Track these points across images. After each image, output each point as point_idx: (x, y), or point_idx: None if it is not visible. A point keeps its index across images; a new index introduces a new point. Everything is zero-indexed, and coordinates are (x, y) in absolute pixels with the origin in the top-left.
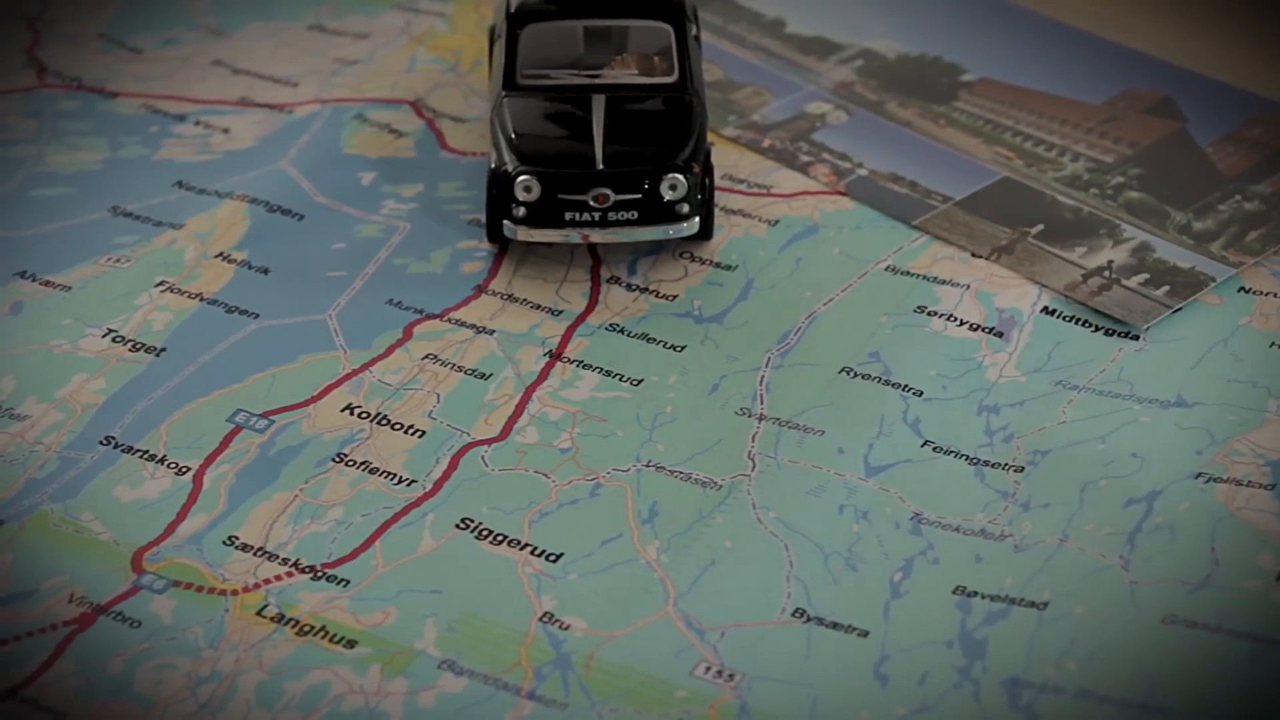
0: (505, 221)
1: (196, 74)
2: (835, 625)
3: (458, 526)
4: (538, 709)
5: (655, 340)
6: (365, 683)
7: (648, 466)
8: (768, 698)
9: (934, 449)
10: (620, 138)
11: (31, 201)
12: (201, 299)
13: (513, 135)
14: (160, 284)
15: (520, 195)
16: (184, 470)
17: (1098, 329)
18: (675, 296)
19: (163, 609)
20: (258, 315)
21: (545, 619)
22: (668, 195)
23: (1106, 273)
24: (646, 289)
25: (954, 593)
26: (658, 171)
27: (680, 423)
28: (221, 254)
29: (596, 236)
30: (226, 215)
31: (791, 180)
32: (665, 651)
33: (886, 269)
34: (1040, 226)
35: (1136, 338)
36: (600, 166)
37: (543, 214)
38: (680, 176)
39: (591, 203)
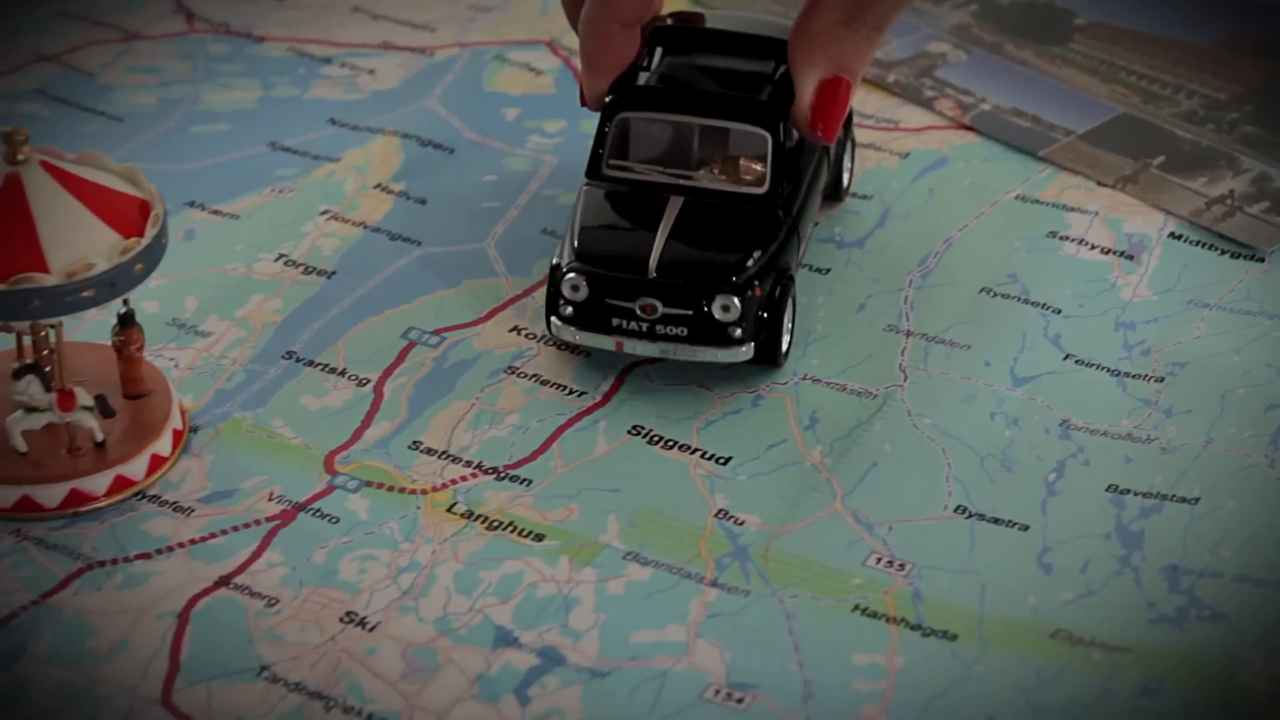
0: (552, 318)
1: (338, 20)
2: (996, 520)
3: (629, 433)
4: (722, 595)
5: (801, 264)
6: (556, 572)
7: (804, 379)
8: (938, 585)
9: (1075, 362)
10: (683, 247)
11: (193, 137)
12: (365, 227)
13: (577, 229)
14: (324, 212)
15: (567, 293)
16: (364, 382)
17: (1224, 252)
18: (816, 224)
19: (358, 506)
20: (420, 243)
21: (720, 515)
22: (719, 316)
23: (1229, 200)
24: None
25: (1107, 490)
26: (710, 289)
27: (831, 339)
28: (379, 185)
29: (639, 349)
30: (380, 150)
31: (917, 116)
32: (837, 544)
33: (1016, 198)
34: (1162, 158)
35: (1261, 260)
36: (652, 275)
37: (590, 316)
38: (734, 298)
39: (639, 312)
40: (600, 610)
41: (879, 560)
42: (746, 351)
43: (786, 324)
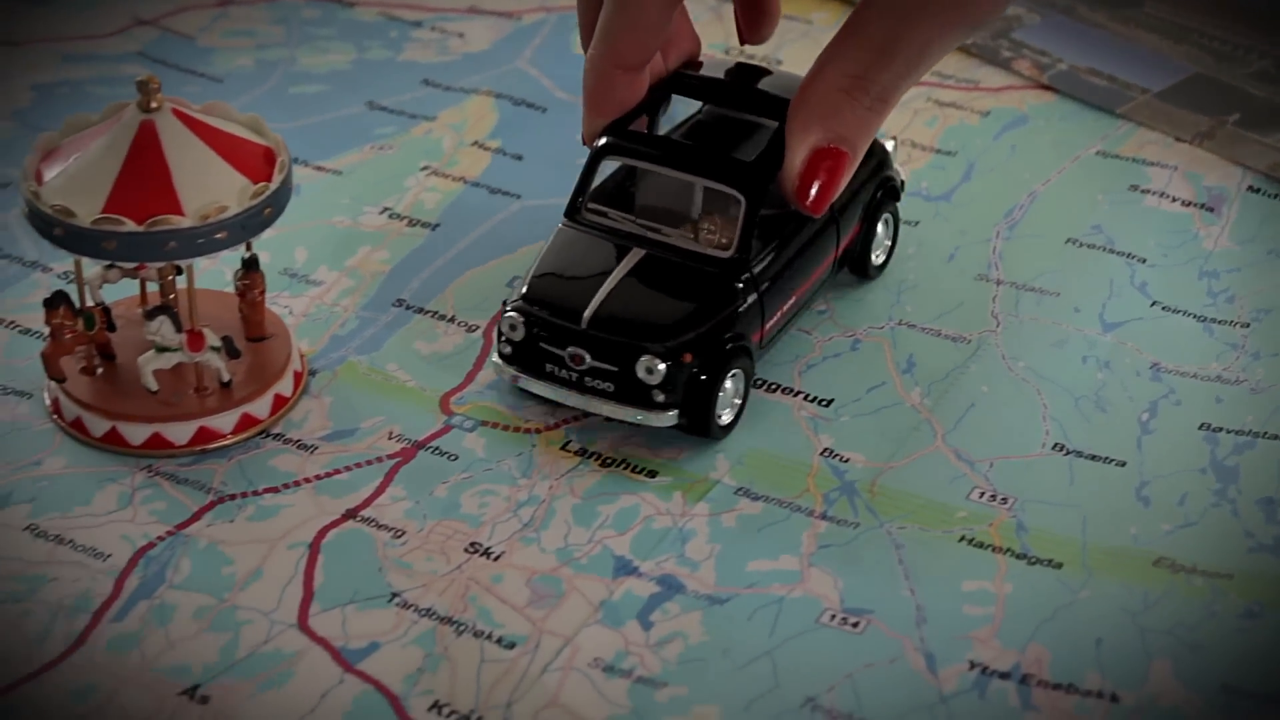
0: (493, 354)
1: None
2: (1093, 457)
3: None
4: (832, 527)
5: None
6: (670, 506)
7: (900, 325)
8: (1041, 517)
9: (1162, 308)
10: (625, 302)
11: (292, 97)
12: (465, 181)
13: (535, 269)
14: (424, 168)
15: (505, 331)
16: (473, 328)
17: None
18: (903, 180)
19: (475, 445)
20: (519, 196)
21: (825, 453)
22: (643, 376)
23: None
24: None
25: (1200, 428)
26: (636, 348)
27: (924, 287)
28: (476, 142)
29: (566, 399)
30: (475, 109)
31: (996, 76)
32: (941, 479)
33: (1096, 153)
34: (1236, 115)
35: None
36: (583, 325)
37: (525, 358)
38: (659, 362)
39: (568, 361)
40: (715, 541)
41: (982, 494)
42: (670, 418)
43: (733, 399)
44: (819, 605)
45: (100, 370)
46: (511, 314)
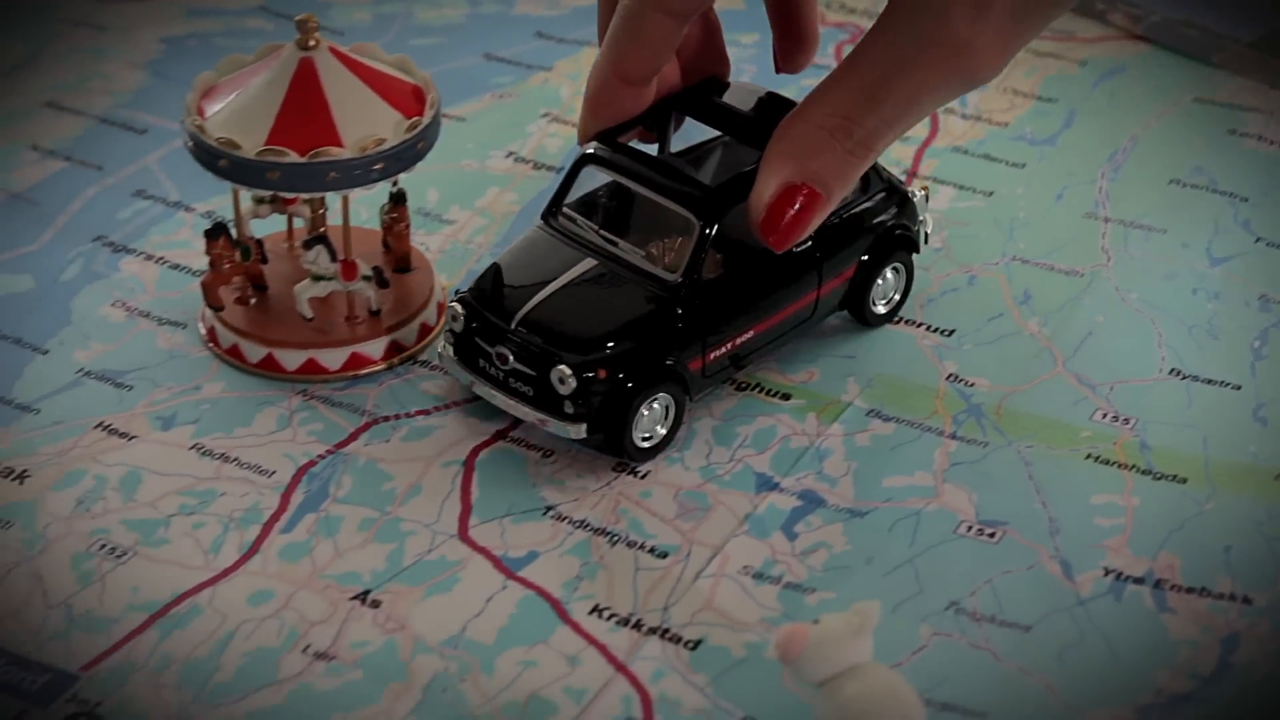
0: (441, 339)
1: None
2: (1209, 381)
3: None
4: (962, 446)
5: (997, 159)
6: (805, 427)
7: (1014, 260)
8: (1163, 436)
9: (1267, 244)
10: (558, 310)
11: (411, 49)
12: None
13: (494, 264)
14: (544, 115)
15: (448, 321)
16: None
17: None
18: (1007, 124)
19: None
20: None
21: (951, 379)
22: (555, 385)
23: None
24: (980, 118)
25: None
26: (552, 356)
27: (1034, 225)
28: None
29: (489, 396)
30: (589, 59)
31: (1091, 28)
32: (1064, 402)
33: (1194, 100)
34: None
35: None
36: (512, 327)
37: (464, 349)
38: (570, 373)
39: (495, 358)
40: (851, 459)
41: (1104, 416)
42: (580, 430)
43: (655, 423)
44: (955, 518)
45: (254, 300)
46: (454, 305)
